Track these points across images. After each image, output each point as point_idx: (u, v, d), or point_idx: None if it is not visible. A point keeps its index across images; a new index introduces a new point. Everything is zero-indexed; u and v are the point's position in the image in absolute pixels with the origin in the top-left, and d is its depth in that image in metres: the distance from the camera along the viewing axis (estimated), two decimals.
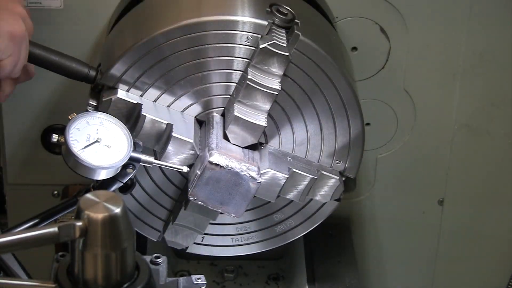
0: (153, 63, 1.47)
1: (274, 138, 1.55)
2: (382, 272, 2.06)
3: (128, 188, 1.54)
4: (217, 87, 1.51)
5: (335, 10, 1.74)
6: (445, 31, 1.79)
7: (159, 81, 1.49)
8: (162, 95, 1.50)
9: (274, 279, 1.92)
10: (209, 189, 1.46)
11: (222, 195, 1.47)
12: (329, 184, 1.55)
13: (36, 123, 1.83)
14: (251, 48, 1.47)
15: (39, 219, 1.46)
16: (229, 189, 1.47)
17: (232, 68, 1.49)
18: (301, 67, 1.49)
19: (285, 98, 1.51)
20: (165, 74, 1.48)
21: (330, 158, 1.57)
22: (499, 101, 1.87)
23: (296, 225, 1.62)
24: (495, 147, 1.92)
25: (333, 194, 1.56)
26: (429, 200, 1.98)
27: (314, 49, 1.48)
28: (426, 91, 1.85)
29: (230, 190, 1.47)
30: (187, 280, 1.34)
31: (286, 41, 1.48)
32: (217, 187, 1.46)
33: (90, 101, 1.50)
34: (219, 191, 1.47)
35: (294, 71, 1.49)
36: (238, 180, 1.46)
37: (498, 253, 2.03)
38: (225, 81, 1.50)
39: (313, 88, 1.51)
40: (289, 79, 1.49)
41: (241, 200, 1.48)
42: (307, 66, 1.49)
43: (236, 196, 1.48)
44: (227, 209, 1.49)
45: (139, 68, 1.47)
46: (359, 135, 1.55)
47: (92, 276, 1.15)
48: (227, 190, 1.47)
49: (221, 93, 1.51)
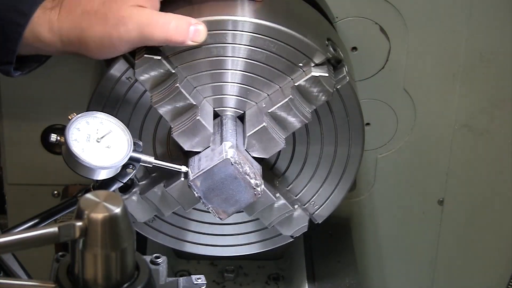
0: (179, 51, 1.47)
1: None
2: (382, 272, 2.06)
3: (128, 188, 1.54)
4: (233, 87, 1.51)
5: (335, 10, 1.74)
6: (445, 31, 1.79)
7: (181, 68, 1.48)
8: None
9: (274, 279, 1.92)
10: (211, 183, 1.46)
11: (218, 194, 1.46)
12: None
13: (36, 123, 1.83)
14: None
15: (39, 219, 1.45)
16: (228, 191, 1.46)
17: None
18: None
19: None
20: (190, 62, 1.48)
21: (309, 196, 1.59)
22: (499, 101, 1.87)
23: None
24: (495, 147, 1.92)
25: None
26: (429, 200, 1.98)
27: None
28: (426, 91, 1.85)
29: (228, 192, 1.46)
30: (187, 280, 1.34)
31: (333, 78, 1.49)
32: (219, 185, 1.46)
33: None
34: (218, 189, 1.46)
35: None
36: (243, 187, 1.45)
37: (498, 253, 2.03)
38: (238, 83, 1.50)
39: None
40: None
41: (231, 206, 1.47)
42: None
43: (230, 200, 1.47)
44: (216, 209, 1.47)
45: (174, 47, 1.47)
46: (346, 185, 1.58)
47: (92, 276, 1.15)
48: (226, 191, 1.46)
49: (233, 94, 1.51)
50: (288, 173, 1.58)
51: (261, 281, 1.91)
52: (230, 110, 1.53)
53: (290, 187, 1.59)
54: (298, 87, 1.48)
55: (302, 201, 1.60)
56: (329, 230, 1.89)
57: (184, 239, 1.65)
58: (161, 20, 1.42)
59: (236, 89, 1.51)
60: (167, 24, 1.42)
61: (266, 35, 1.46)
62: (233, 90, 1.51)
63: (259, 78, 1.50)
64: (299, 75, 1.49)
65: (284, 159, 1.58)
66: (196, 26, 1.43)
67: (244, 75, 1.49)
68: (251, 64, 1.49)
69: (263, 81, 1.50)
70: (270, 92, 1.51)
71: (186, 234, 1.64)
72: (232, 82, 1.50)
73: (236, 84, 1.50)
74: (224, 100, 1.52)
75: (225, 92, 1.51)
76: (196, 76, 1.49)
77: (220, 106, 1.52)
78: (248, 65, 1.49)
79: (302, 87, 1.48)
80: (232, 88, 1.51)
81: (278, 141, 1.48)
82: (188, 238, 1.65)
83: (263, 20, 1.46)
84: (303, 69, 1.49)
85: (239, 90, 1.51)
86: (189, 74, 1.49)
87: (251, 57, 1.48)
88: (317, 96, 1.49)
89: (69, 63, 1.76)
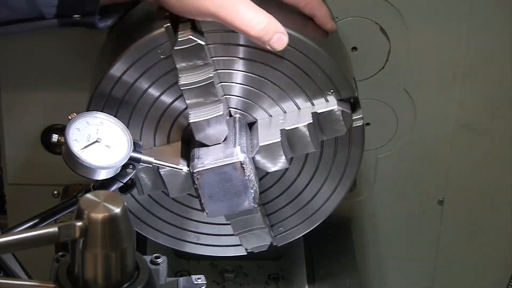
0: (218, 42, 1.46)
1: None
2: (382, 272, 2.06)
3: (128, 188, 1.54)
4: (254, 92, 1.51)
5: (335, 10, 1.74)
6: (445, 31, 1.79)
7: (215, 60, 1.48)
8: None
9: (274, 279, 1.92)
10: (214, 181, 1.45)
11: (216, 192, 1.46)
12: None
13: (36, 123, 1.83)
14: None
15: (39, 219, 1.46)
16: (226, 192, 1.46)
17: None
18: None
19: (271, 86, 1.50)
20: (221, 57, 1.48)
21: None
22: (499, 101, 1.87)
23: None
24: (495, 147, 1.92)
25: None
26: (429, 200, 1.98)
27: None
28: (426, 91, 1.85)
29: (226, 193, 1.46)
30: (187, 280, 1.34)
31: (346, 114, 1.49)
32: (220, 184, 1.46)
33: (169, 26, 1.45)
34: (217, 187, 1.46)
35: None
36: (242, 193, 1.46)
37: (498, 253, 2.04)
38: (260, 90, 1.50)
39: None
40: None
41: (225, 207, 1.48)
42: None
43: (225, 202, 1.47)
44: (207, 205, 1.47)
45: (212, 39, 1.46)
46: None
47: (92, 276, 1.15)
48: (224, 192, 1.46)
49: (250, 99, 1.51)
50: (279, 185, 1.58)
51: (261, 281, 1.91)
52: (243, 113, 1.52)
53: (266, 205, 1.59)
54: (318, 114, 1.48)
55: (271, 221, 1.61)
56: (329, 230, 1.89)
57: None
58: (247, 14, 1.41)
59: (255, 95, 1.50)
60: (251, 19, 1.40)
61: (306, 53, 1.46)
62: (252, 95, 1.51)
63: (281, 91, 1.50)
64: (321, 103, 1.49)
65: None
66: (281, 35, 1.42)
67: (268, 84, 1.49)
68: (280, 76, 1.48)
69: (283, 95, 1.50)
70: (285, 108, 1.51)
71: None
72: (255, 88, 1.50)
73: (258, 90, 1.50)
74: (240, 102, 1.52)
75: (244, 95, 1.51)
76: (223, 73, 1.49)
77: (235, 107, 1.52)
78: (277, 76, 1.48)
79: (321, 116, 1.48)
80: (252, 92, 1.50)
81: (284, 161, 1.48)
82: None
83: (308, 40, 1.46)
84: (327, 98, 1.48)
85: (258, 96, 1.51)
86: (219, 68, 1.48)
87: (282, 69, 1.48)
88: (331, 129, 1.49)
89: (69, 63, 1.77)
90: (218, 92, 1.47)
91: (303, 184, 1.59)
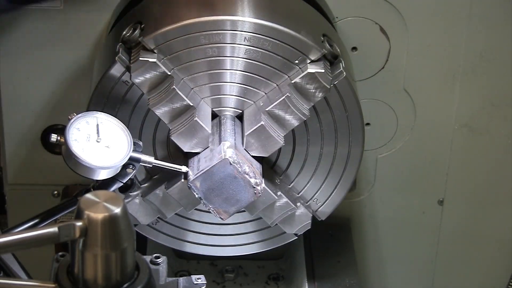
0: (181, 49, 1.47)
1: None
2: (382, 272, 2.06)
3: (128, 188, 1.54)
4: (230, 87, 1.51)
5: (335, 10, 1.74)
6: (445, 31, 1.79)
7: (178, 69, 1.48)
8: None
9: (274, 279, 1.92)
10: (211, 183, 1.46)
11: (218, 194, 1.46)
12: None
13: (36, 123, 1.83)
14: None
15: (39, 219, 1.46)
16: (228, 191, 1.46)
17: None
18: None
19: None
20: (186, 63, 1.48)
21: (311, 194, 1.59)
22: (499, 101, 1.87)
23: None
24: (495, 147, 1.92)
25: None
26: (429, 200, 1.98)
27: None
28: (426, 91, 1.85)
29: (228, 192, 1.46)
30: (187, 280, 1.34)
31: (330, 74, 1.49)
32: (219, 185, 1.46)
33: (121, 54, 1.47)
34: (218, 189, 1.46)
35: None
36: (243, 186, 1.46)
37: (498, 253, 2.03)
38: (235, 82, 1.50)
39: None
40: None
41: (232, 206, 1.48)
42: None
43: (231, 200, 1.47)
44: (217, 209, 1.48)
45: (171, 48, 1.47)
46: None
47: (92, 276, 1.15)
48: (226, 191, 1.46)
49: (231, 94, 1.51)
50: (290, 171, 1.58)
51: (261, 281, 1.91)
52: (229, 109, 1.53)
53: (292, 185, 1.59)
54: (294, 84, 1.48)
55: (305, 199, 1.60)
56: (329, 230, 1.89)
57: (184, 239, 1.65)
58: None
59: (233, 89, 1.51)
60: None
61: (261, 33, 1.46)
62: (230, 89, 1.51)
63: (256, 77, 1.50)
64: (296, 72, 1.49)
65: (285, 157, 1.58)
66: None
67: (241, 74, 1.49)
68: (248, 63, 1.48)
69: (260, 80, 1.50)
70: (267, 91, 1.51)
71: (186, 234, 1.64)
72: (229, 82, 1.50)
73: (233, 83, 1.50)
74: (222, 100, 1.52)
75: (222, 92, 1.51)
76: (193, 77, 1.49)
77: (218, 106, 1.52)
78: (245, 64, 1.49)
79: (298, 84, 1.48)
80: (229, 87, 1.51)
81: (276, 139, 1.48)
82: (188, 238, 1.65)
83: (258, 19, 1.46)
84: (299, 66, 1.49)
85: (236, 89, 1.51)
86: (186, 75, 1.49)
87: (247, 56, 1.48)
88: (314, 93, 1.48)
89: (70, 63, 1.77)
90: (190, 100, 1.47)
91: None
